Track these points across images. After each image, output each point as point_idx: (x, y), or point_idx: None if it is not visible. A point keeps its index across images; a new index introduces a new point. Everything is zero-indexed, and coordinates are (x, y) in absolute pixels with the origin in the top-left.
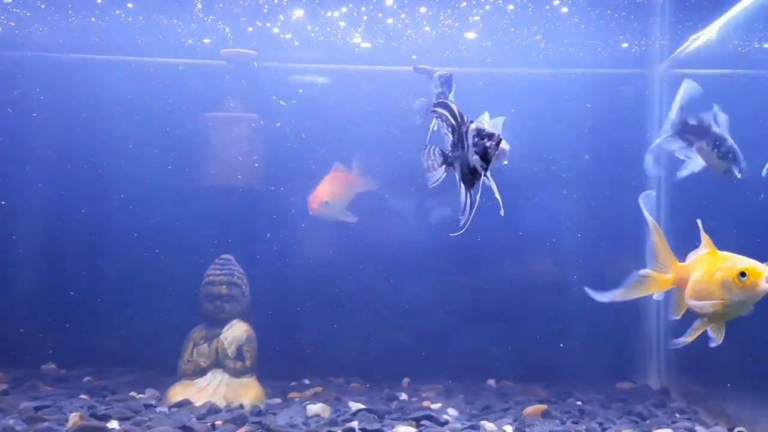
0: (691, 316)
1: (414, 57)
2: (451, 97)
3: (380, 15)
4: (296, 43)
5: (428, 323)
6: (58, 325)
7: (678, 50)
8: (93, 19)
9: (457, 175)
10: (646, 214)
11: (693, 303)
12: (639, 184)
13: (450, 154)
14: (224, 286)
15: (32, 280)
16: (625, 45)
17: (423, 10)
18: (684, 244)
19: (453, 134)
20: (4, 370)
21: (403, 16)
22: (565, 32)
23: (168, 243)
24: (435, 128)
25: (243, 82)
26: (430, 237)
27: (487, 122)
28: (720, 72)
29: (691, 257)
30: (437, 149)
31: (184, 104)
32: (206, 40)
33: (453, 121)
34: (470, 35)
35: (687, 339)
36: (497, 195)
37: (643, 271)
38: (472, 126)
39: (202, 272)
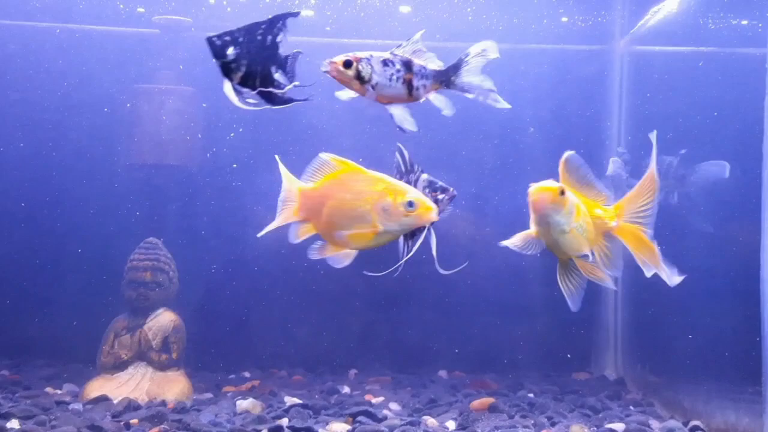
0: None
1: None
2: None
3: None
4: (228, 9)
5: (378, 312)
6: None
7: (638, 24)
8: None
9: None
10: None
11: None
12: (596, 166)
13: None
14: (149, 272)
15: None
16: (577, 18)
17: None
18: None
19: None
20: None
21: None
22: (521, 5)
23: (93, 226)
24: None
25: (177, 51)
26: None
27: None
28: (683, 49)
29: None
30: None
31: (111, 75)
32: (140, 9)
33: (403, 168)
34: (405, 9)
35: None
36: (434, 252)
37: None
38: (424, 176)
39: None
